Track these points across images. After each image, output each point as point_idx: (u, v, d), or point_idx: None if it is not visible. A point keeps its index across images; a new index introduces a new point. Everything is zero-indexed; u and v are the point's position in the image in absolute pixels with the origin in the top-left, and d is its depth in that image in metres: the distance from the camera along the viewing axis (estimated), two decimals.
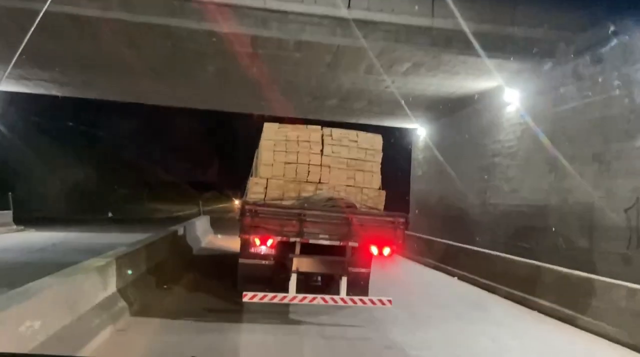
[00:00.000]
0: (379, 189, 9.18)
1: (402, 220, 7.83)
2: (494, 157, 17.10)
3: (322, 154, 8.98)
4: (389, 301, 7.71)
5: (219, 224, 22.55)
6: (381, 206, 9.05)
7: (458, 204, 19.53)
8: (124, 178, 35.30)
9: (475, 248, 14.01)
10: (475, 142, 18.29)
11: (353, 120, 22.75)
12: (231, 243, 14.01)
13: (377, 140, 9.22)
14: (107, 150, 36.84)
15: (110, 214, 26.84)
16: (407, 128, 25.56)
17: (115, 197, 29.73)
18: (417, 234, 17.51)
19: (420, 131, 24.77)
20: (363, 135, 9.21)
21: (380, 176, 9.20)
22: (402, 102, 17.52)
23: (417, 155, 25.23)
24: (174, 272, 10.63)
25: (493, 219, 16.83)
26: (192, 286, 10.18)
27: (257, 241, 7.69)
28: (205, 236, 18.75)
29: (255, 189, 8.85)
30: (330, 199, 8.20)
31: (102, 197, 27.72)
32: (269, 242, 7.71)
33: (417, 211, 23.51)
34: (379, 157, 9.19)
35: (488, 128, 17.43)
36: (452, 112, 19.77)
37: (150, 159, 46.95)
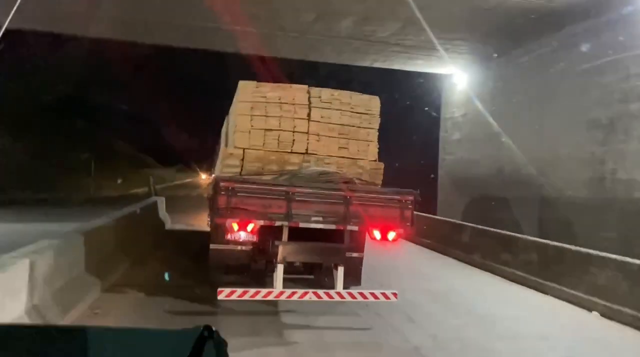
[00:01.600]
0: (376, 160, 7.80)
1: (410, 198, 6.52)
2: (626, 103, 10.77)
3: (309, 119, 7.51)
4: (394, 294, 6.46)
5: (182, 208, 19.60)
6: (379, 181, 7.69)
7: (534, 180, 13.31)
8: (67, 146, 30.99)
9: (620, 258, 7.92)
10: (583, 81, 11.89)
11: (366, 63, 17.67)
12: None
13: (374, 103, 7.78)
14: (44, 111, 31.45)
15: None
16: (434, 77, 19.48)
17: (56, 171, 26.03)
18: (454, 220, 14.43)
19: (458, 78, 18.13)
20: (357, 96, 7.74)
21: (377, 145, 7.81)
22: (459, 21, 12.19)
23: (452, 112, 18.72)
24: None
25: (621, 205, 10.72)
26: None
27: (235, 226, 6.20)
28: (156, 227, 14.19)
29: (228, 161, 7.30)
30: (323, 173, 6.77)
31: (38, 171, 24.05)
32: (250, 226, 6.25)
33: (450, 189, 18.51)
34: (376, 123, 7.77)
35: (617, 57, 10.86)
36: (539, 35, 13.18)
37: (99, 121, 41.49)
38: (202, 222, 13.84)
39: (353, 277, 7.29)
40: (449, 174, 18.81)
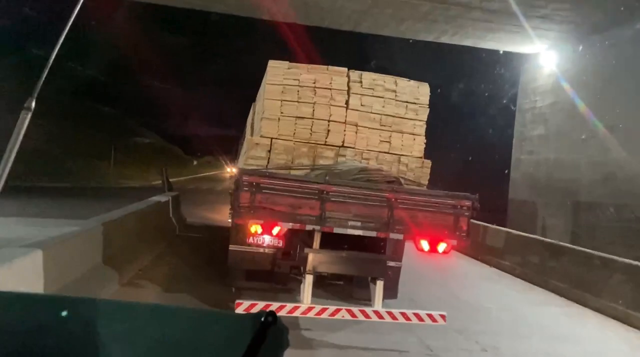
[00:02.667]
0: (422, 157, 6.77)
1: (467, 203, 5.46)
2: None
3: (347, 107, 6.53)
4: (442, 317, 5.43)
5: (203, 203, 18.02)
6: (425, 181, 6.67)
7: None
8: (91, 133, 30.24)
9: None
10: None
11: (431, 37, 14.59)
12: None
13: (422, 90, 6.74)
14: (68, 95, 29.78)
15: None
16: (509, 57, 16.22)
17: (78, 158, 25.41)
18: (550, 240, 10.71)
19: (546, 59, 14.57)
20: (404, 83, 6.72)
21: (424, 140, 6.77)
22: None
23: (533, 102, 15.21)
24: None
25: None
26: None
27: (259, 229, 5.26)
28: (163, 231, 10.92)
29: (253, 152, 6.38)
30: (363, 170, 5.77)
31: (58, 158, 23.53)
32: (276, 230, 5.30)
33: (527, 196, 15.03)
34: (424, 114, 6.74)
35: None
36: None
37: (126, 108, 40.51)
38: (224, 217, 12.84)
39: (389, 290, 6.27)
40: (527, 177, 15.15)
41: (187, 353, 1.08)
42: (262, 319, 0.97)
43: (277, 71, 6.41)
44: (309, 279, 5.42)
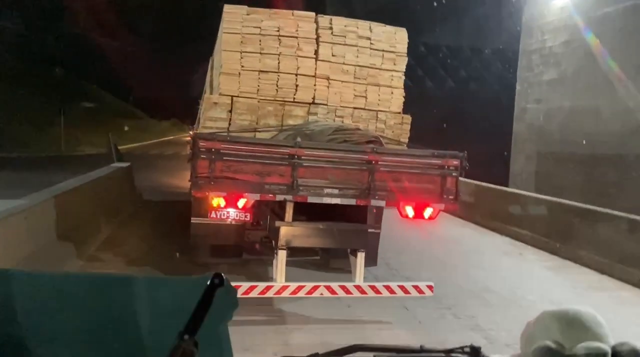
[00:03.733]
0: (401, 113, 6.13)
1: (455, 162, 4.89)
2: None
3: (316, 58, 5.78)
4: (430, 287, 4.96)
5: (166, 170, 15.72)
6: (405, 138, 6.08)
7: None
8: (42, 98, 27.80)
9: None
10: None
11: None
12: None
13: (400, 36, 6.02)
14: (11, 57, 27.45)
15: None
16: None
17: (29, 128, 23.31)
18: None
19: None
20: (379, 28, 5.98)
21: (403, 93, 6.12)
22: None
23: (541, 42, 13.10)
24: None
25: None
26: None
27: (221, 202, 4.57)
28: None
29: (212, 113, 5.61)
30: (338, 129, 5.09)
31: (8, 129, 21.49)
32: (241, 202, 4.63)
33: (535, 152, 12.99)
34: (402, 64, 6.06)
35: None
36: None
37: (79, 69, 37.39)
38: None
39: (368, 258, 5.74)
40: (534, 129, 13.06)
41: (133, 321, 1.07)
42: (209, 281, 0.96)
43: (234, 17, 5.55)
44: (281, 255, 4.82)
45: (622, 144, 10.30)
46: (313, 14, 5.79)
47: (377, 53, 5.93)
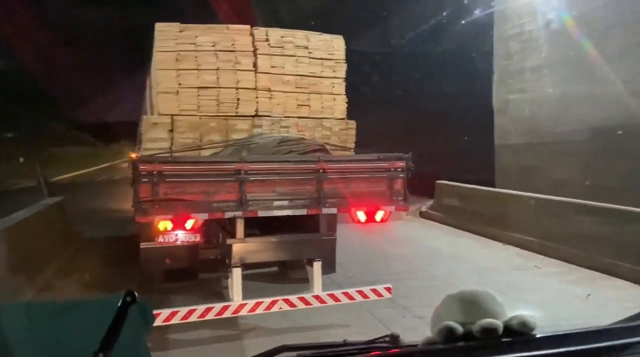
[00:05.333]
0: (345, 118, 6.18)
1: (400, 164, 4.96)
2: None
3: (256, 71, 5.73)
4: (388, 290, 4.99)
5: (114, 195, 13.42)
6: (351, 144, 6.12)
7: None
8: None
9: None
10: None
11: None
12: None
13: (337, 44, 6.08)
14: None
15: None
16: None
17: None
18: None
19: None
20: (316, 37, 6.02)
21: (345, 99, 6.17)
22: None
23: (519, 26, 11.86)
24: None
25: None
26: None
27: (168, 225, 4.43)
28: None
29: (152, 134, 5.44)
30: (283, 141, 5.05)
31: None
32: (189, 223, 4.49)
33: (523, 147, 11.81)
34: (342, 71, 6.11)
35: None
36: None
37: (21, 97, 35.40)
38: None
39: (326, 266, 5.72)
40: (521, 122, 11.86)
41: (49, 346, 1.06)
42: (121, 299, 0.98)
43: (167, 35, 5.43)
44: (236, 273, 4.72)
45: (628, 132, 8.96)
46: (248, 27, 5.75)
47: (316, 61, 5.95)
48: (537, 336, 1.04)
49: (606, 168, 9.36)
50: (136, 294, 1.01)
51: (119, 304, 0.99)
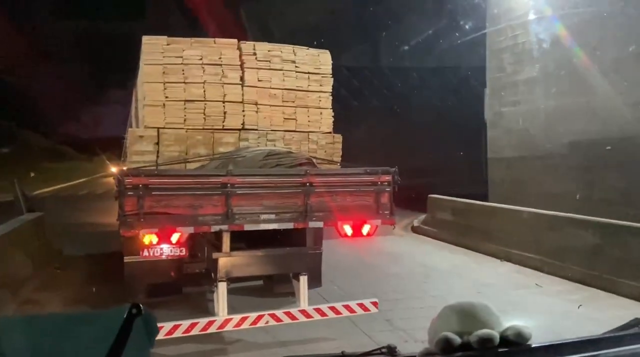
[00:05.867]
0: (332, 132, 6.22)
1: (387, 178, 4.99)
2: None
3: (243, 84, 5.76)
4: (374, 304, 4.99)
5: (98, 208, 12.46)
6: (338, 158, 6.15)
7: None
8: None
9: None
10: None
11: None
12: None
13: (324, 58, 6.14)
14: None
15: None
16: None
17: None
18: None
19: None
20: (302, 51, 6.07)
21: (332, 113, 6.21)
22: None
23: (512, 38, 11.69)
24: None
25: None
26: None
27: (153, 239, 4.38)
28: None
29: (138, 146, 5.42)
30: (270, 154, 5.06)
31: None
32: (175, 237, 4.46)
33: (518, 160, 11.59)
34: (328, 85, 6.17)
35: None
36: None
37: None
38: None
39: (312, 279, 5.71)
40: (515, 135, 11.69)
41: None
42: (127, 312, 0.98)
43: (154, 48, 5.43)
44: (222, 288, 4.68)
45: (626, 144, 8.75)
46: (235, 40, 5.79)
47: (303, 75, 6.00)
48: (533, 345, 1.06)
49: (602, 181, 9.21)
50: (142, 306, 1.01)
51: (124, 317, 0.99)
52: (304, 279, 4.95)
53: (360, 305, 4.97)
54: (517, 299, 6.29)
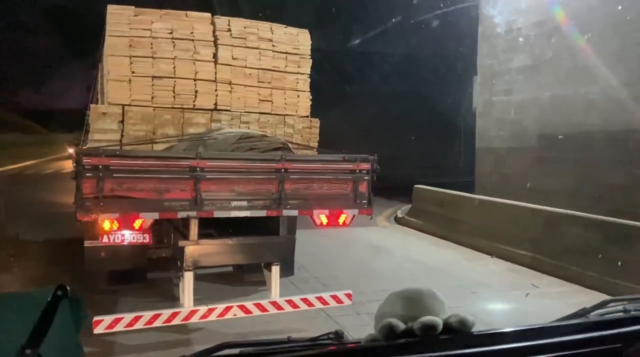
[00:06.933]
0: (309, 116, 5.96)
1: (366, 166, 4.77)
2: None
3: (216, 62, 5.42)
4: (348, 296, 4.80)
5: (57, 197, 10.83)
6: (315, 143, 5.92)
7: None
8: None
9: None
10: None
11: None
12: None
13: (303, 38, 5.85)
14: None
15: None
16: None
17: None
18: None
19: None
20: (281, 30, 5.77)
21: (310, 96, 5.95)
22: None
23: (507, 24, 11.24)
24: None
25: None
26: None
27: (114, 225, 4.06)
28: None
29: (101, 124, 5.04)
30: (243, 137, 4.77)
31: None
32: (137, 223, 4.14)
33: (508, 152, 11.09)
34: (307, 67, 5.90)
35: None
36: None
37: None
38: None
39: (284, 269, 5.49)
40: (506, 125, 11.25)
41: None
42: (52, 293, 0.95)
43: (119, 19, 5.04)
44: (188, 277, 4.40)
45: (626, 138, 8.36)
46: (209, 14, 5.44)
47: (280, 55, 5.72)
48: (475, 333, 1.08)
49: (601, 177, 8.62)
50: (68, 288, 0.97)
51: (49, 298, 0.96)
52: (275, 269, 4.71)
53: (334, 297, 4.78)
54: (516, 300, 5.92)
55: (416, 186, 11.23)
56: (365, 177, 4.77)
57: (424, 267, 7.31)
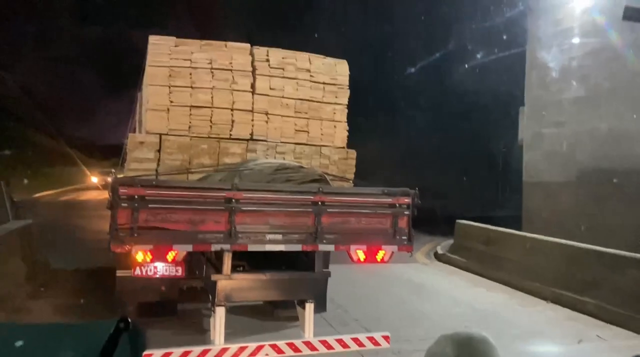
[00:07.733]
0: (345, 147, 5.83)
1: (406, 200, 4.56)
2: None
3: (253, 92, 5.38)
4: (386, 338, 4.53)
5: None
6: (351, 175, 5.76)
7: None
8: None
9: None
10: None
11: None
12: None
13: (341, 69, 5.78)
14: None
15: None
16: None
17: None
18: None
19: None
20: (319, 60, 5.71)
21: (346, 127, 5.83)
22: None
23: (558, 51, 10.89)
24: None
25: None
26: None
27: (147, 256, 3.96)
28: None
29: (137, 153, 5.03)
30: (280, 168, 4.65)
31: None
32: (171, 255, 4.03)
33: (560, 187, 10.58)
34: (344, 97, 5.80)
35: None
36: None
37: (10, 111, 34.18)
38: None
39: (317, 304, 5.25)
40: (557, 159, 10.76)
41: None
42: (115, 326, 0.98)
43: (160, 49, 5.08)
44: (220, 313, 4.24)
45: None
46: (248, 45, 5.44)
47: (318, 86, 5.65)
48: None
49: None
50: (130, 320, 1.02)
51: (111, 330, 0.99)
52: (310, 307, 4.49)
53: (371, 339, 4.51)
54: (581, 354, 5.35)
55: (458, 221, 10.71)
56: (406, 212, 4.56)
57: (473, 312, 6.80)
